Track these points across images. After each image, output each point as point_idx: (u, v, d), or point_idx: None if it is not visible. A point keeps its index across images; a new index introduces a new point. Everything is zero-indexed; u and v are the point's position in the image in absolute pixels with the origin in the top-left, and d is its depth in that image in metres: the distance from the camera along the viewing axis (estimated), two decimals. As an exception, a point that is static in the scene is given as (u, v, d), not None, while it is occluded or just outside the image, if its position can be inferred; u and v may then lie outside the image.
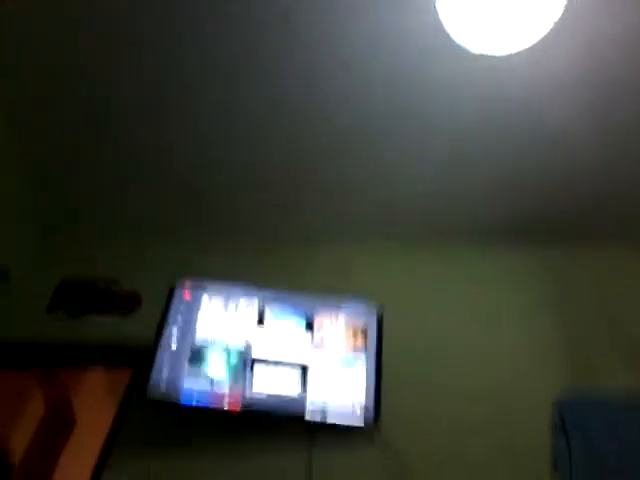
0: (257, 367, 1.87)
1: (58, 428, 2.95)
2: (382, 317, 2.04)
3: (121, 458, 1.81)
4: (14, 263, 2.31)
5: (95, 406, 2.88)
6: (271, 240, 2.47)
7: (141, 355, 1.94)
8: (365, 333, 1.99)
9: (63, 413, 2.98)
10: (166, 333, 1.90)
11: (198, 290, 2.00)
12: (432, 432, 1.88)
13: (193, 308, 1.96)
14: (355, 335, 1.98)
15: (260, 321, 1.95)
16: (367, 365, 1.93)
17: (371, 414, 1.83)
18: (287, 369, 1.88)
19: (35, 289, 2.28)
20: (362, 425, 1.83)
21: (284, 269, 2.34)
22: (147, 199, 2.44)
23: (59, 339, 2.14)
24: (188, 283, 2.01)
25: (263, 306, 1.99)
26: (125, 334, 2.11)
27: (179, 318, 1.94)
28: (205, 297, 1.98)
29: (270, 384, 1.84)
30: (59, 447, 2.94)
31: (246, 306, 1.98)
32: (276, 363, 1.89)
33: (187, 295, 1.99)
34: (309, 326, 1.97)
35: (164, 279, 2.03)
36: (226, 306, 1.97)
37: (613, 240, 2.41)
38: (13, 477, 2.69)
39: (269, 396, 1.83)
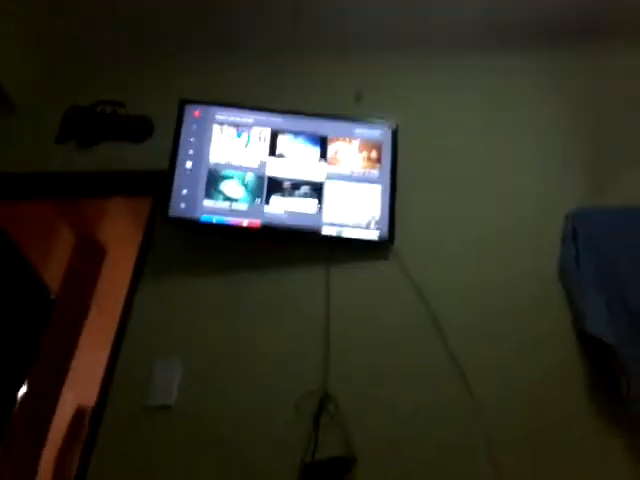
0: (274, 189, 1.86)
1: (90, 258, 3.08)
2: (396, 132, 1.98)
3: (151, 282, 1.87)
4: (18, 93, 2.22)
5: (121, 234, 2.98)
6: (282, 53, 2.34)
7: (159, 182, 1.91)
8: (380, 150, 1.95)
9: (92, 243, 3.09)
10: (181, 155, 1.87)
11: (208, 113, 1.93)
12: (445, 244, 1.90)
13: (205, 131, 1.91)
14: (369, 152, 1.94)
15: (273, 150, 1.91)
16: (382, 181, 1.91)
17: (386, 229, 1.86)
18: (303, 187, 1.88)
19: (42, 119, 2.21)
20: (377, 239, 1.85)
21: (295, 87, 2.24)
22: (149, 20, 2.31)
23: (74, 169, 2.12)
24: (198, 105, 1.93)
25: (275, 134, 1.93)
26: (140, 161, 2.08)
27: (192, 140, 1.89)
28: (216, 126, 1.91)
29: (287, 202, 1.85)
30: (94, 277, 3.10)
31: (258, 135, 1.92)
32: (292, 181, 1.88)
33: (197, 115, 1.92)
34: (323, 150, 1.93)
35: (173, 104, 1.94)
36: (238, 135, 1.92)
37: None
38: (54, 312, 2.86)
39: (286, 212, 1.85)
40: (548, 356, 1.68)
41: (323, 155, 1.93)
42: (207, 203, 1.83)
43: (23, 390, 2.70)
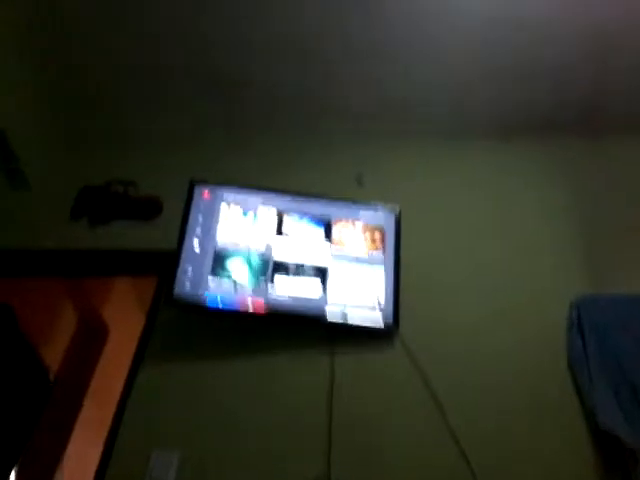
0: (278, 270, 1.87)
1: (92, 338, 3.04)
2: (400, 217, 2.02)
3: (151, 366, 1.84)
4: (35, 172, 2.29)
5: (125, 314, 2.96)
6: (286, 141, 2.43)
7: (166, 262, 1.93)
8: (383, 234, 1.98)
9: (95, 323, 3.06)
10: (188, 235, 1.89)
11: (217, 193, 1.97)
12: (449, 333, 1.89)
13: (213, 210, 1.95)
14: (373, 236, 1.97)
15: (279, 230, 1.94)
16: (385, 263, 1.93)
17: (391, 315, 1.85)
18: (308, 272, 1.89)
19: (56, 198, 2.27)
20: (382, 326, 1.84)
21: (300, 172, 2.30)
22: (163, 103, 2.43)
23: (83, 247, 2.15)
24: (207, 186, 1.98)
25: (281, 214, 1.97)
26: (148, 240, 2.11)
27: (200, 219, 1.93)
28: (223, 206, 1.96)
29: (292, 287, 1.86)
30: (95, 358, 3.05)
31: (265, 215, 1.96)
32: (297, 266, 1.89)
33: (206, 196, 1.97)
34: (327, 231, 1.97)
35: (182, 185, 1.99)
36: (245, 215, 1.95)
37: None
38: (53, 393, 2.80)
39: (291, 298, 1.84)
40: (557, 440, 1.64)
41: (327, 236, 1.95)
42: (212, 282, 1.83)
43: (14, 474, 2.59)
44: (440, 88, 2.31)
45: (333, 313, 1.83)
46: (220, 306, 1.81)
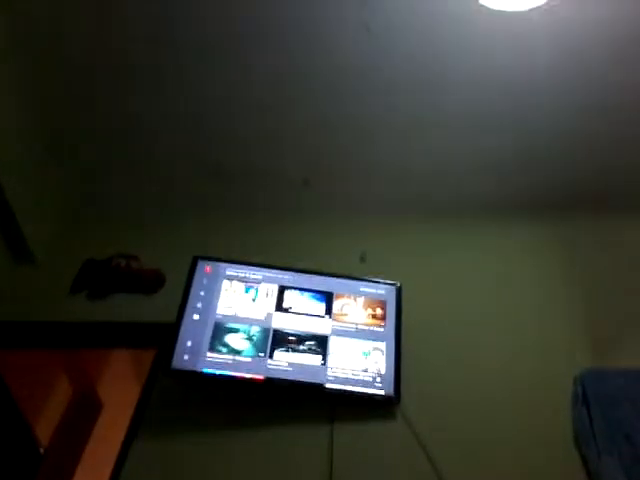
0: (278, 345, 1.88)
1: (85, 413, 2.99)
2: (401, 291, 2.05)
3: (146, 436, 1.81)
4: (39, 246, 2.34)
5: (120, 388, 2.92)
6: (287, 219, 2.50)
7: (165, 334, 1.94)
8: (384, 309, 2.01)
9: (89, 397, 3.02)
10: (189, 309, 1.91)
11: (219, 268, 2.01)
12: (452, 407, 1.88)
13: (215, 285, 1.98)
14: (374, 311, 2.00)
15: (280, 305, 1.97)
16: (387, 338, 1.94)
17: (391, 386, 1.85)
18: (307, 341, 1.90)
19: (59, 271, 2.30)
20: (382, 394, 1.83)
21: (301, 249, 2.35)
22: (165, 179, 2.49)
23: (82, 319, 2.16)
24: (209, 261, 2.02)
25: (283, 289, 2.00)
26: (148, 313, 2.13)
27: (201, 291, 1.95)
28: (225, 281, 1.99)
29: (291, 356, 1.87)
30: (86, 432, 2.98)
31: (266, 290, 1.99)
32: (297, 340, 1.90)
33: (208, 271, 2.00)
34: (329, 304, 1.99)
35: (184, 259, 2.02)
36: (246, 290, 1.99)
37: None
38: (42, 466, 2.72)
39: (290, 365, 1.85)
40: None
41: (328, 311, 1.97)
42: (210, 355, 1.83)
43: None
44: (441, 166, 2.40)
45: (333, 381, 1.83)
46: (217, 373, 1.80)
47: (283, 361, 1.85)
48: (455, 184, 2.46)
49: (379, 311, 1.99)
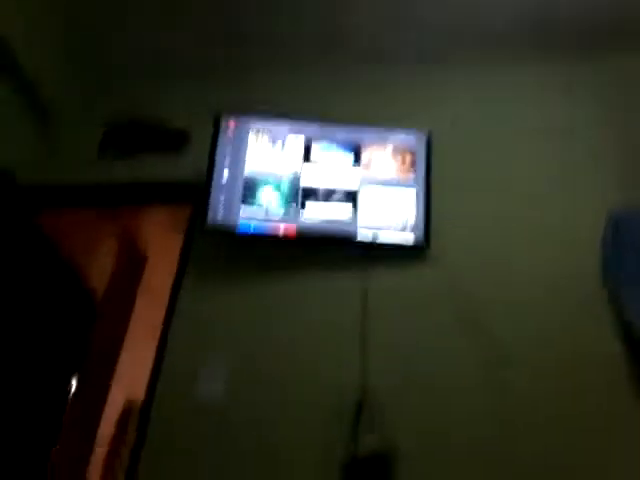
0: (309, 196, 1.90)
1: (132, 264, 3.18)
2: (430, 139, 1.99)
3: (192, 287, 1.93)
4: (62, 109, 2.32)
5: (161, 242, 3.07)
6: (315, 64, 2.36)
7: (198, 191, 1.97)
8: (414, 157, 1.97)
9: (134, 250, 3.19)
10: (218, 166, 1.92)
11: (244, 123, 1.97)
12: (482, 252, 1.90)
13: (241, 141, 1.96)
14: (404, 159, 1.96)
15: (307, 157, 1.94)
16: (416, 187, 1.93)
17: (421, 232, 1.87)
18: (338, 196, 1.91)
19: (84, 133, 2.31)
20: (413, 244, 1.87)
21: (328, 96, 2.25)
22: (190, 36, 2.36)
23: (115, 179, 2.20)
24: (233, 116, 1.97)
25: (310, 142, 1.96)
26: (179, 171, 2.14)
27: (228, 150, 1.94)
28: (251, 135, 1.95)
29: (322, 210, 1.88)
30: (135, 282, 3.20)
31: (293, 143, 1.96)
32: (327, 191, 1.91)
33: (233, 126, 1.97)
34: (357, 157, 1.96)
35: (209, 116, 1.99)
36: (273, 143, 1.96)
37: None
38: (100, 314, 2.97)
39: (322, 221, 1.88)
40: (592, 359, 1.67)
41: (357, 161, 1.95)
42: (244, 210, 1.88)
43: (74, 387, 2.82)
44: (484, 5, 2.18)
45: (364, 234, 1.86)
46: (251, 231, 1.86)
47: (314, 214, 1.87)
48: (493, 21, 2.23)
49: (409, 159, 1.95)
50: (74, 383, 2.83)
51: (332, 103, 2.21)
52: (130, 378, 3.17)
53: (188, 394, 1.73)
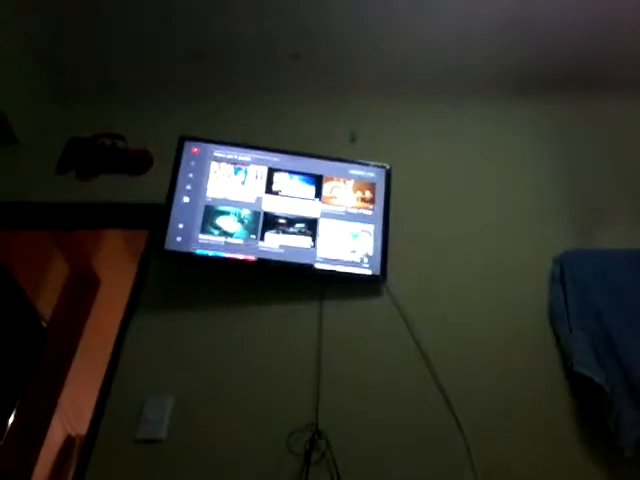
0: (269, 227, 1.90)
1: (84, 289, 3.09)
2: (390, 173, 2.05)
3: (144, 314, 1.89)
4: (21, 126, 2.27)
5: (116, 266, 3.00)
6: (280, 96, 2.41)
7: (156, 216, 1.95)
8: (373, 190, 2.01)
9: (87, 273, 3.10)
10: (178, 191, 1.90)
11: (207, 150, 1.98)
12: (435, 285, 1.94)
13: (203, 167, 1.95)
14: (363, 192, 2.00)
15: (269, 188, 1.96)
16: (375, 220, 1.97)
17: (378, 266, 1.90)
18: (297, 223, 1.92)
19: (43, 152, 2.26)
20: (369, 274, 1.89)
21: (290, 131, 2.28)
22: (152, 57, 2.38)
23: (72, 200, 2.16)
24: (197, 142, 1.98)
25: (272, 172, 1.98)
26: (138, 194, 2.12)
27: (190, 174, 1.93)
28: (214, 162, 1.96)
29: (281, 241, 1.89)
30: (86, 307, 3.11)
31: (255, 172, 1.97)
32: (287, 222, 1.92)
33: (196, 152, 1.97)
34: (318, 187, 1.99)
35: (171, 140, 1.99)
36: (235, 171, 1.97)
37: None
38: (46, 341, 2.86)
39: (281, 247, 1.88)
40: (537, 390, 1.72)
41: (318, 194, 1.98)
42: (203, 237, 1.86)
43: (12, 418, 2.68)
44: (437, 44, 2.30)
45: (322, 261, 1.88)
46: (210, 254, 1.84)
47: (274, 243, 1.88)
48: (445, 61, 2.36)
49: (368, 194, 2.00)
50: (13, 413, 2.71)
51: (296, 134, 2.24)
52: (73, 411, 3.04)
53: (133, 430, 1.65)
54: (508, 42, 2.27)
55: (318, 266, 1.88)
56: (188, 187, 1.91)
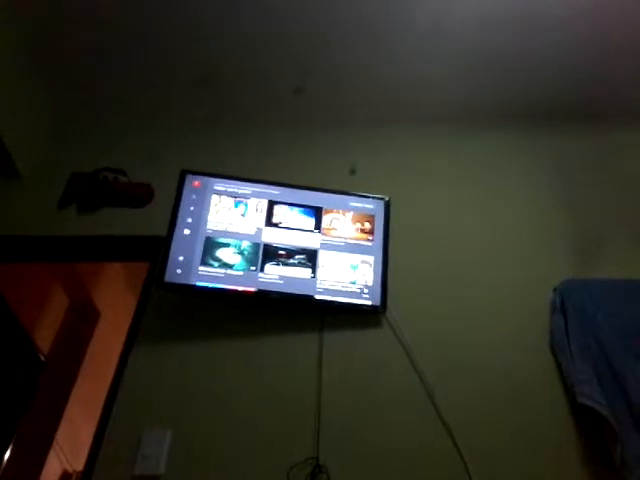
0: (269, 259, 1.92)
1: (83, 321, 3.08)
2: (389, 205, 2.08)
3: (143, 348, 1.88)
4: (24, 160, 2.30)
5: (116, 298, 3.00)
6: (281, 130, 2.47)
7: (156, 248, 1.96)
8: (372, 221, 2.04)
9: (86, 306, 3.10)
10: (179, 224, 1.92)
11: (208, 183, 2.01)
12: (436, 316, 1.94)
13: (204, 200, 1.98)
14: (363, 224, 2.03)
15: (270, 220, 1.98)
16: (374, 251, 1.99)
17: (378, 297, 1.91)
18: (297, 255, 1.94)
19: (45, 186, 2.29)
20: (369, 304, 1.90)
21: (291, 163, 2.33)
22: (152, 93, 2.43)
23: (73, 233, 2.17)
24: (198, 175, 2.01)
25: (272, 205, 2.01)
26: (139, 227, 2.14)
27: (191, 207, 1.96)
28: (214, 195, 1.99)
29: (282, 269, 1.90)
30: (86, 340, 3.09)
31: (255, 205, 2.00)
32: (287, 249, 1.94)
33: (197, 185, 2.00)
34: (318, 219, 2.01)
35: (173, 173, 2.02)
36: (236, 205, 1.99)
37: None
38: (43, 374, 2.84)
39: (281, 278, 1.89)
40: (541, 420, 1.71)
41: (318, 226, 2.00)
42: (203, 270, 1.87)
43: (8, 453, 2.64)
44: (435, 78, 2.36)
45: (322, 292, 1.88)
46: (209, 286, 1.84)
47: (274, 274, 1.89)
48: (444, 95, 2.41)
49: (367, 225, 2.02)
50: (10, 448, 2.67)
51: (296, 167, 2.29)
52: (70, 446, 2.99)
53: (130, 465, 1.62)
54: (506, 75, 2.33)
55: (318, 297, 1.88)
56: (189, 220, 1.93)
